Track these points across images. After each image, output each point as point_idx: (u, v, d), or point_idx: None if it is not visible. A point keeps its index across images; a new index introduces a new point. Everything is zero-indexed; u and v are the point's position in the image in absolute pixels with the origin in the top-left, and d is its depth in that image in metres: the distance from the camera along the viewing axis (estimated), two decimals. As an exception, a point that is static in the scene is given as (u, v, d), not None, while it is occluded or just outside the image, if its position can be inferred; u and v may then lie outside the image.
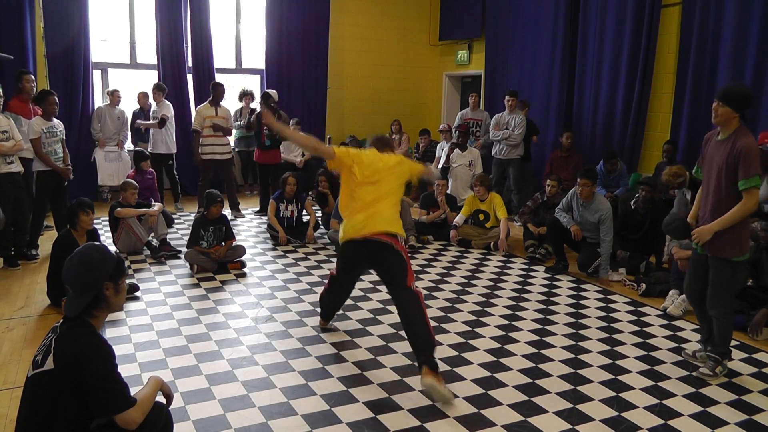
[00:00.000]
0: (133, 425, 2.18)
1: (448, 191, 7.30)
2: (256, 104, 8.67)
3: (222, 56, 9.54)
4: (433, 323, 4.32)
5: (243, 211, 8.00)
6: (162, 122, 7.84)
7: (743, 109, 3.40)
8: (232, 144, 8.26)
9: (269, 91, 7.79)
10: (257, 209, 8.10)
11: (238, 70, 9.89)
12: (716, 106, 3.44)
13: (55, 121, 5.88)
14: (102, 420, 2.20)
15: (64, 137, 6.01)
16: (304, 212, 6.74)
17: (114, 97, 8.35)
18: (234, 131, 8.62)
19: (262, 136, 7.62)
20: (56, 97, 5.81)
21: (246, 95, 8.83)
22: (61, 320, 2.22)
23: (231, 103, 8.46)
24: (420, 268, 5.74)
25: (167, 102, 8.11)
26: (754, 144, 3.35)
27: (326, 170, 7.56)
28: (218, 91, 7.58)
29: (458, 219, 6.66)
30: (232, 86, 10.28)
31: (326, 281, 4.15)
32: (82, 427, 2.18)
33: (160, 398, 2.46)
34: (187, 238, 5.71)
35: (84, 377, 2.08)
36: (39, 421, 2.12)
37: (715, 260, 3.54)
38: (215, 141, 7.52)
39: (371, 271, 5.55)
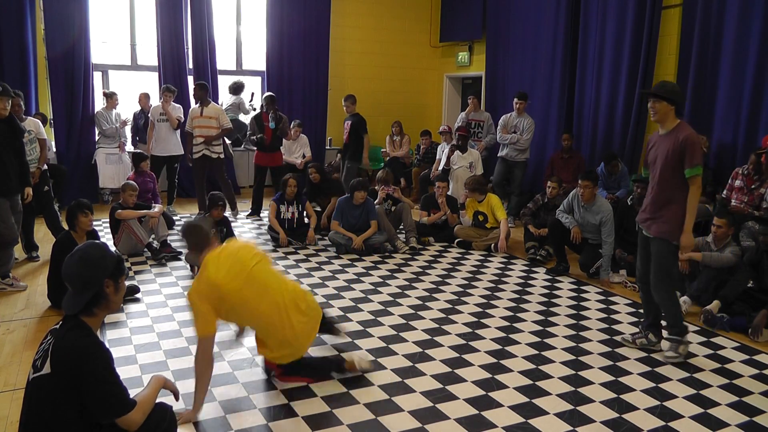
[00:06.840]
0: (134, 426, 2.18)
1: (449, 193, 7.30)
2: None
3: (223, 58, 9.53)
4: (433, 325, 4.36)
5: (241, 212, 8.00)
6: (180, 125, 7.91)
7: (676, 102, 3.61)
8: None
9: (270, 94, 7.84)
10: (248, 212, 8.01)
11: (239, 71, 9.89)
12: (652, 104, 3.65)
13: (28, 120, 5.83)
14: (104, 421, 2.20)
15: (43, 137, 5.90)
16: (305, 214, 6.74)
17: (112, 100, 8.34)
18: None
19: (266, 131, 7.61)
20: (19, 99, 5.65)
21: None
22: (60, 322, 2.22)
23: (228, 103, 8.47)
24: (421, 270, 5.74)
25: (177, 104, 8.06)
26: (696, 136, 3.58)
27: (316, 166, 7.55)
28: (197, 90, 7.53)
29: (465, 220, 6.71)
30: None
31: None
32: (86, 429, 2.17)
33: (165, 398, 2.47)
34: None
35: (82, 380, 2.07)
36: (41, 424, 2.11)
37: (657, 241, 3.74)
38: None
39: (371, 272, 5.59)
